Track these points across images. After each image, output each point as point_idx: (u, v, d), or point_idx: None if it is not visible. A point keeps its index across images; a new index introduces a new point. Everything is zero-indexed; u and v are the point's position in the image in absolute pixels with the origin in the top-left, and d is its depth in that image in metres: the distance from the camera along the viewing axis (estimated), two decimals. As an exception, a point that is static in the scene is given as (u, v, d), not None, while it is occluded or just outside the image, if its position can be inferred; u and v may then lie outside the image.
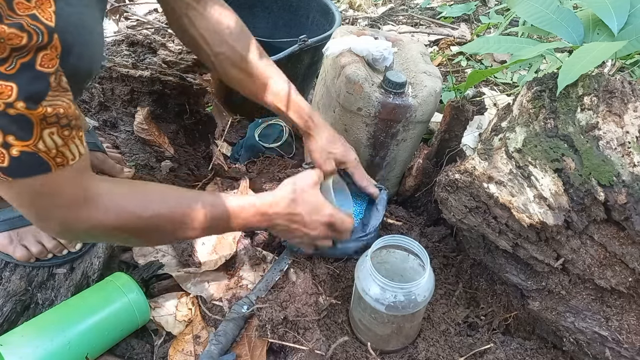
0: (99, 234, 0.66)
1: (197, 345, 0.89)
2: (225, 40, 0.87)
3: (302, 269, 0.96)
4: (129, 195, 0.66)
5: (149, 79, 1.18)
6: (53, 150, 0.53)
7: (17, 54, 0.47)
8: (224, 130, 1.38)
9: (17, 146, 0.50)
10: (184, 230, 0.72)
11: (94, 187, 0.61)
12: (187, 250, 1.06)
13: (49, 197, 0.57)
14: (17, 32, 0.45)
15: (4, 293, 0.87)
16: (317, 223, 0.85)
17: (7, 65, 0.46)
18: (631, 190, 0.66)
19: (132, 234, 0.68)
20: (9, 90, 0.47)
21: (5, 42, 0.45)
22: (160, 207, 0.67)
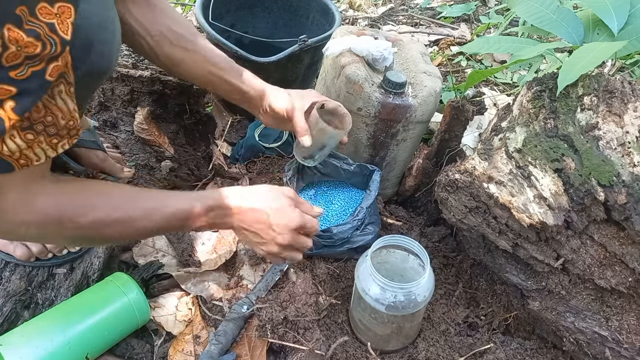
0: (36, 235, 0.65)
1: (197, 345, 0.90)
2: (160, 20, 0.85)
3: (302, 269, 0.96)
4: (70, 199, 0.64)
5: (149, 79, 1.18)
6: (16, 153, 0.53)
7: (30, 62, 0.48)
8: (224, 130, 1.38)
9: None
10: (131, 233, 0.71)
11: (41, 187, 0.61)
12: (187, 250, 1.06)
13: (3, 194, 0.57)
14: (33, 41, 0.46)
15: (4, 293, 0.87)
16: (284, 228, 0.77)
17: (19, 72, 0.48)
18: (631, 190, 0.66)
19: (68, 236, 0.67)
20: (7, 92, 0.48)
21: (22, 49, 0.46)
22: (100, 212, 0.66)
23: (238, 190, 0.79)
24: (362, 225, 0.97)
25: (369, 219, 0.99)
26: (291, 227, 0.77)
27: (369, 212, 0.98)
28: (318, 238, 0.94)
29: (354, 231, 0.96)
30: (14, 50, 0.46)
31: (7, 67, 0.47)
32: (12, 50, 0.45)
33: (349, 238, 0.96)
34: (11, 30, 0.45)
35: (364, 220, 0.97)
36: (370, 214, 0.99)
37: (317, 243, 0.95)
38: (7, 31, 0.44)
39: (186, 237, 1.08)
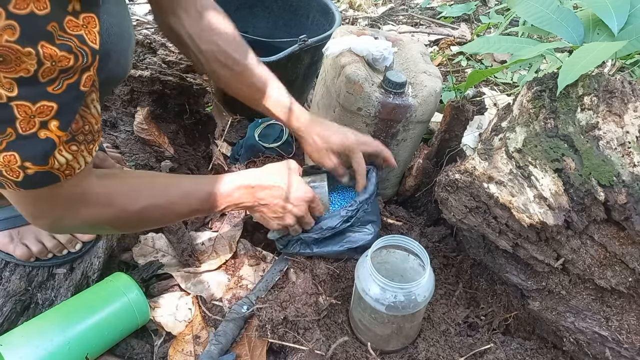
0: (88, 228, 0.71)
1: (197, 345, 0.89)
2: (212, 38, 0.86)
3: (302, 269, 0.96)
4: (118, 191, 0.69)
5: (149, 79, 1.18)
6: (64, 165, 0.56)
7: (64, 75, 0.49)
8: (224, 130, 1.38)
9: (33, 169, 0.53)
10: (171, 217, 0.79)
11: (90, 186, 0.64)
12: (187, 250, 1.06)
13: (50, 200, 0.60)
14: (66, 55, 0.48)
15: (4, 293, 0.87)
16: (299, 200, 0.86)
17: (55, 86, 0.49)
18: (631, 190, 0.66)
19: (120, 226, 0.73)
20: (49, 110, 0.50)
21: (56, 64, 0.47)
22: (147, 199, 0.71)
23: (253, 171, 0.87)
24: (354, 218, 0.94)
25: (367, 217, 0.98)
26: (306, 199, 0.87)
27: (365, 208, 0.96)
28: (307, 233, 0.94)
29: (343, 222, 0.93)
30: (49, 65, 0.47)
31: (44, 83, 0.48)
32: (47, 65, 0.47)
33: (337, 228, 0.93)
34: (45, 47, 0.46)
35: (357, 214, 0.94)
36: (368, 212, 0.97)
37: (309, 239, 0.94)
38: (42, 48, 0.45)
39: (186, 237, 1.08)
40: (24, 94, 0.47)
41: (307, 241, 0.95)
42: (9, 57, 0.44)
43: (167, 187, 0.75)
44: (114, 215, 0.68)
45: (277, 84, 0.93)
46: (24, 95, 0.48)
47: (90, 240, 0.96)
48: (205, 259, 1.05)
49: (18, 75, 0.46)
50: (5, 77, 0.46)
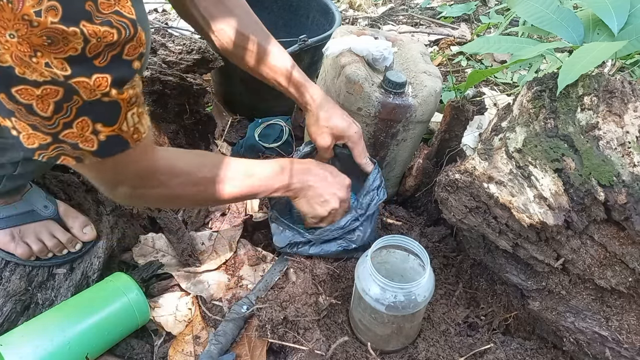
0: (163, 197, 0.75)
1: (197, 345, 0.90)
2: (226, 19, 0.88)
3: (302, 269, 0.96)
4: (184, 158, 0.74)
5: (149, 79, 1.18)
6: (131, 128, 0.59)
7: (109, 49, 0.50)
8: (224, 130, 1.38)
9: (104, 132, 0.56)
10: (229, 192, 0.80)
11: (157, 156, 0.69)
12: (187, 250, 1.06)
13: (124, 168, 0.65)
14: (109, 30, 0.49)
15: (4, 293, 0.87)
16: (341, 184, 0.90)
17: (101, 59, 0.51)
18: (631, 190, 0.66)
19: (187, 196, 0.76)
20: (104, 81, 0.52)
21: (101, 40, 0.49)
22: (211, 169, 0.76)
23: (288, 159, 0.91)
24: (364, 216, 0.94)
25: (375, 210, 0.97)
26: (346, 184, 0.92)
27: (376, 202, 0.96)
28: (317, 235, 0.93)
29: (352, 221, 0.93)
30: (95, 42, 0.48)
31: (92, 57, 0.50)
32: (93, 42, 0.48)
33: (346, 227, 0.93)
34: (87, 26, 0.47)
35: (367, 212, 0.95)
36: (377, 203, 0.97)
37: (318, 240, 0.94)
38: (84, 27, 0.47)
39: (186, 237, 1.08)
40: (76, 71, 0.49)
41: (317, 243, 0.95)
42: (56, 38, 0.46)
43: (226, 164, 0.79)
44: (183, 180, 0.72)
45: (291, 61, 0.93)
46: (78, 72, 0.49)
47: (91, 240, 0.96)
48: (205, 259, 1.05)
49: (67, 54, 0.47)
50: (55, 57, 0.47)
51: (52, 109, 0.51)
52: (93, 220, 0.98)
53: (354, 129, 0.95)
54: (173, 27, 1.75)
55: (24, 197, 0.91)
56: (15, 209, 0.90)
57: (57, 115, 0.52)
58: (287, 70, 0.92)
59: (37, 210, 0.91)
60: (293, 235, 0.95)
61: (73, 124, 0.53)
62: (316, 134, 0.95)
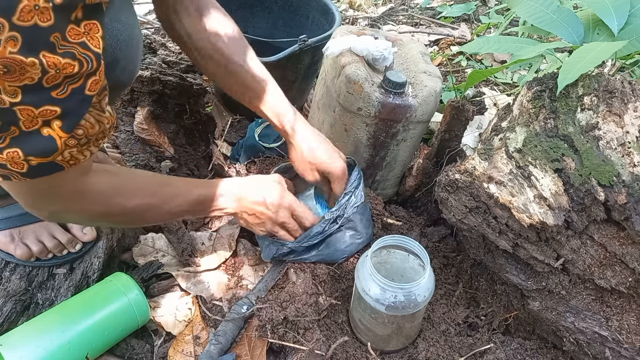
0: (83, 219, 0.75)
1: (197, 345, 0.90)
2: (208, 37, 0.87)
3: (302, 269, 0.95)
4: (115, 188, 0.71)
5: (149, 79, 1.18)
6: (68, 158, 0.57)
7: (69, 80, 0.50)
8: (224, 130, 1.38)
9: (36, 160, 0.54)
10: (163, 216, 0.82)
11: (90, 181, 0.66)
12: (187, 250, 1.06)
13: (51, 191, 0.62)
14: (70, 62, 0.48)
15: (4, 293, 0.87)
16: (278, 207, 0.88)
17: (59, 91, 0.50)
18: (631, 190, 0.66)
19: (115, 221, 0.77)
20: (52, 113, 0.51)
21: (60, 71, 0.48)
22: (142, 198, 0.74)
23: (236, 180, 0.90)
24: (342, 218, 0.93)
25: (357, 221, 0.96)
26: (284, 204, 0.88)
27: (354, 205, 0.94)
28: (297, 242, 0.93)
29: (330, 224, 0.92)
30: (53, 73, 0.47)
31: (48, 88, 0.49)
32: (51, 73, 0.47)
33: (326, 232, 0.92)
34: (47, 57, 0.46)
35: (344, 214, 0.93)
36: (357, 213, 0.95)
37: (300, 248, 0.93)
38: (44, 58, 0.46)
39: (186, 237, 1.08)
40: (27, 100, 0.48)
41: (298, 250, 0.94)
42: (13, 68, 0.45)
43: (160, 187, 0.78)
44: (109, 210, 0.70)
45: (273, 86, 0.92)
46: (28, 101, 0.48)
47: (91, 240, 0.96)
48: (205, 258, 1.05)
49: (22, 83, 0.47)
50: (9, 85, 0.46)
51: None
52: (93, 220, 0.98)
53: (339, 165, 0.94)
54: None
55: (24, 198, 0.91)
56: (15, 210, 0.90)
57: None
58: (267, 94, 0.91)
59: (37, 210, 0.91)
60: (277, 249, 0.94)
61: (3, 151, 0.52)
62: (303, 170, 0.95)
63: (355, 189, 0.95)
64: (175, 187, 0.79)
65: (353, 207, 0.94)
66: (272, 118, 0.93)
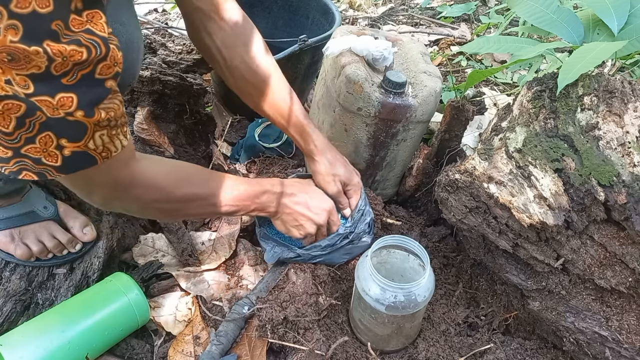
0: (136, 208, 0.73)
1: (197, 345, 0.89)
2: (239, 54, 0.88)
3: (303, 270, 0.96)
4: (165, 174, 0.72)
5: (149, 79, 1.18)
6: (100, 147, 0.57)
7: (79, 67, 0.49)
8: (224, 130, 1.38)
9: (69, 147, 0.54)
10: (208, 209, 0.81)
11: (136, 169, 0.66)
12: (187, 250, 1.06)
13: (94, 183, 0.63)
14: (77, 48, 0.48)
15: (4, 293, 0.87)
16: (319, 209, 0.90)
17: (69, 77, 0.49)
18: (631, 190, 0.66)
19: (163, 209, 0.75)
20: (69, 101, 0.50)
21: (68, 59, 0.47)
22: (190, 187, 0.74)
23: (280, 180, 0.92)
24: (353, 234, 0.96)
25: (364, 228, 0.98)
26: (325, 208, 0.91)
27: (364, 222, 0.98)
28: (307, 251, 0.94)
29: (342, 239, 0.95)
30: (60, 60, 0.47)
31: (58, 76, 0.48)
32: (58, 61, 0.47)
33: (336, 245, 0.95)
34: (51, 45, 0.46)
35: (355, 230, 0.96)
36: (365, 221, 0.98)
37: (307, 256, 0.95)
38: (48, 46, 0.45)
39: (186, 237, 1.08)
40: (40, 89, 0.48)
41: (304, 256, 0.95)
42: (17, 56, 0.45)
43: (208, 179, 0.78)
44: (159, 197, 0.71)
45: (297, 105, 0.94)
46: (41, 91, 0.48)
47: (91, 240, 0.96)
48: (205, 258, 1.05)
49: (29, 72, 0.46)
50: (17, 74, 0.46)
51: (13, 124, 0.50)
52: (93, 221, 0.98)
53: (357, 179, 0.99)
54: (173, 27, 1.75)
55: (24, 198, 0.91)
56: (15, 210, 0.90)
57: (19, 131, 0.51)
58: (294, 115, 0.94)
59: (37, 211, 0.91)
60: (282, 251, 0.95)
61: (36, 139, 0.52)
62: (325, 182, 0.96)
63: (365, 207, 0.99)
64: (221, 180, 0.80)
65: (364, 225, 0.97)
66: (297, 137, 0.96)
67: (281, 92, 0.93)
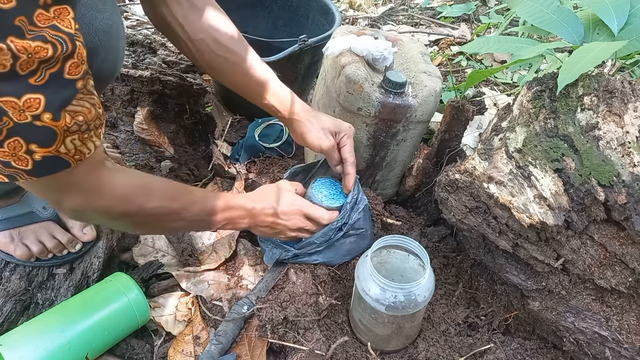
0: (105, 219, 0.71)
1: (197, 345, 0.89)
2: (203, 27, 0.85)
3: (303, 270, 0.95)
4: (136, 188, 0.69)
5: (149, 79, 1.18)
6: (72, 150, 0.55)
7: (45, 65, 0.48)
8: (224, 130, 1.38)
9: (39, 152, 0.52)
10: (179, 224, 0.79)
11: (106, 177, 0.64)
12: (187, 250, 1.06)
13: (67, 186, 0.61)
14: (42, 45, 0.46)
15: (4, 293, 0.87)
16: (289, 214, 0.88)
17: (37, 77, 0.48)
18: (631, 190, 0.66)
19: (133, 222, 0.72)
20: (37, 102, 0.49)
21: (33, 56, 0.46)
22: (161, 200, 0.72)
23: (247, 195, 0.91)
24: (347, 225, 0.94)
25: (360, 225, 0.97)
26: (295, 210, 0.89)
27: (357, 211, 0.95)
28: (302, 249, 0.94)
29: (336, 232, 0.93)
30: (25, 58, 0.46)
31: (25, 75, 0.47)
32: (23, 58, 0.45)
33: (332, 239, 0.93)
34: (14, 42, 0.44)
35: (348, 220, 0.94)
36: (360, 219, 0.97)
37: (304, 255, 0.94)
38: (12, 43, 0.44)
39: (186, 237, 1.08)
40: (5, 89, 0.47)
41: (302, 256, 0.95)
42: None
43: (180, 193, 0.76)
44: (129, 210, 0.68)
45: (273, 74, 0.93)
46: (6, 91, 0.47)
47: (91, 240, 0.96)
48: (205, 258, 1.05)
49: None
50: None
51: None
52: (93, 221, 0.98)
53: (345, 125, 0.97)
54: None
55: (23, 199, 0.91)
56: (14, 210, 0.90)
57: None
58: (269, 83, 0.92)
59: (36, 211, 0.91)
60: (280, 253, 0.95)
61: (4, 144, 0.50)
62: (317, 139, 0.94)
63: (357, 195, 0.96)
64: (194, 194, 0.79)
65: (357, 214, 0.95)
66: (276, 104, 0.93)
67: (253, 61, 0.90)
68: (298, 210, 0.89)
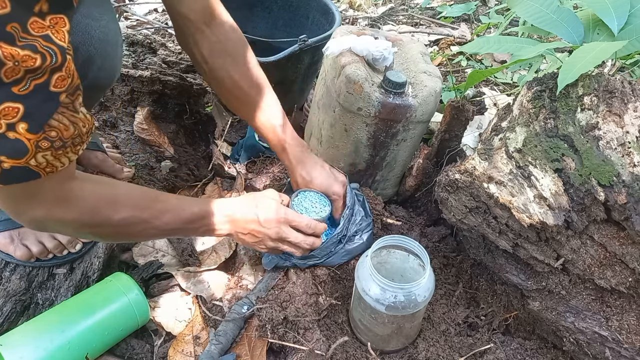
0: (70, 230, 0.70)
1: (197, 345, 0.90)
2: (225, 68, 0.88)
3: (303, 270, 0.96)
4: (103, 197, 0.68)
5: (149, 79, 1.18)
6: (43, 164, 0.54)
7: (31, 75, 0.47)
8: (224, 130, 1.38)
9: (8, 162, 0.51)
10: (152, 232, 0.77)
11: (74, 188, 0.63)
12: (187, 250, 1.06)
13: (32, 197, 0.59)
14: (31, 54, 0.45)
15: (4, 293, 0.87)
16: (271, 222, 0.85)
17: (21, 87, 0.47)
18: (631, 190, 0.66)
19: (100, 233, 0.72)
20: (14, 111, 0.48)
21: (20, 64, 0.45)
22: (131, 210, 0.70)
23: (229, 200, 0.89)
24: (346, 237, 0.96)
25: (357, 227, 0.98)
26: (279, 219, 0.85)
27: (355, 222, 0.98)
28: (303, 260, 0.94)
29: (336, 245, 0.95)
30: (12, 65, 0.44)
31: (9, 83, 0.46)
32: (9, 65, 0.44)
33: (333, 252, 0.95)
34: (3, 48, 0.43)
35: (347, 232, 0.96)
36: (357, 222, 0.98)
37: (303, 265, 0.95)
38: (0, 49, 0.43)
39: (186, 237, 1.08)
40: None
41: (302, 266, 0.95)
42: None
43: (151, 202, 0.74)
44: (95, 221, 0.67)
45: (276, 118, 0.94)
46: None
47: (91, 240, 0.96)
48: (205, 258, 1.05)
49: None
50: None
51: None
52: (93, 220, 0.98)
53: (336, 186, 0.98)
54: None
55: (24, 198, 0.91)
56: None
57: None
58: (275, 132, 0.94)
59: (36, 210, 0.91)
60: (280, 259, 0.96)
61: None
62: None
63: (353, 208, 0.98)
64: (167, 203, 0.76)
65: (355, 226, 0.97)
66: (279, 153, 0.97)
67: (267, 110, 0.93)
68: (282, 218, 0.86)
